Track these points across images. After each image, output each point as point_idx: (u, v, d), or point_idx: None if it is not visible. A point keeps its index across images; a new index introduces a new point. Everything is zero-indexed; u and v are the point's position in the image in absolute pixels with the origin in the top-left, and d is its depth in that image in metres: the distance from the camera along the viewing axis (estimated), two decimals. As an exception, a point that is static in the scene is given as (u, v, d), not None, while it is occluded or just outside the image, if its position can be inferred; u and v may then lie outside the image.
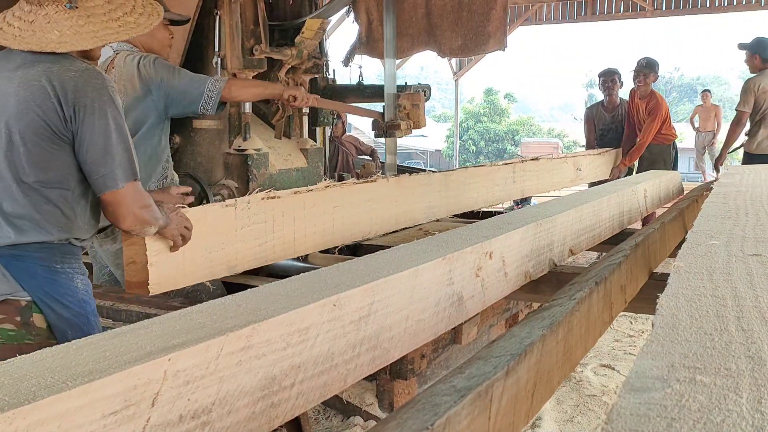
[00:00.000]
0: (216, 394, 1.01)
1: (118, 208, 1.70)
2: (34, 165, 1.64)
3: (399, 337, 1.43)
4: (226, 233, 2.15)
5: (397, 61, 5.50)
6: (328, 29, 4.29)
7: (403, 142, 17.95)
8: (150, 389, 0.91)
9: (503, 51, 5.43)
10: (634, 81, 5.62)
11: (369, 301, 1.33)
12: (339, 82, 5.01)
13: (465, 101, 30.14)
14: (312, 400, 1.19)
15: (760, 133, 5.33)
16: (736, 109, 5.45)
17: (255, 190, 2.33)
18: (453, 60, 13.54)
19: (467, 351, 2.93)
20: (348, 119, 7.82)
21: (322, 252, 3.01)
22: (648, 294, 2.04)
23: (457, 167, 4.76)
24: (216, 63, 3.63)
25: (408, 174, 3.54)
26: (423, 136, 24.28)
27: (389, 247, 1.77)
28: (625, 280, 1.94)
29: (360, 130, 14.47)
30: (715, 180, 3.44)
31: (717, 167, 5.75)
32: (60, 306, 1.69)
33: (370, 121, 4.16)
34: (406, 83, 4.70)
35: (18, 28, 1.65)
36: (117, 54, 2.78)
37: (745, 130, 5.49)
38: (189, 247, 1.96)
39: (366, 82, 5.14)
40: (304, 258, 3.07)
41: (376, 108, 4.26)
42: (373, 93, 4.71)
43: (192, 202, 2.09)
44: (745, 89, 5.31)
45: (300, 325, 1.16)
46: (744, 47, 5.42)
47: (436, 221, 3.52)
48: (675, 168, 5.52)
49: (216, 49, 3.66)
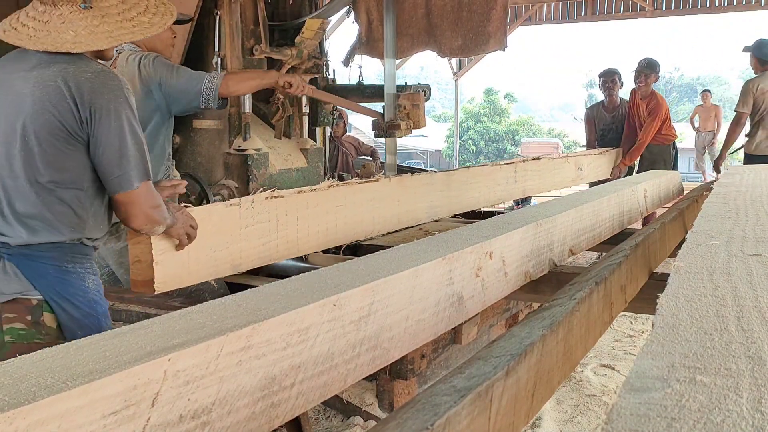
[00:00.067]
0: (216, 394, 1.01)
1: (130, 207, 1.71)
2: (48, 165, 1.64)
3: (399, 337, 1.43)
4: (230, 232, 2.15)
5: (397, 61, 5.49)
6: (328, 29, 4.29)
7: (403, 142, 17.95)
8: (150, 389, 0.91)
9: (503, 51, 5.43)
10: (635, 81, 5.64)
11: (369, 301, 1.33)
12: (339, 82, 5.01)
13: (465, 101, 30.12)
14: (312, 400, 1.19)
15: (758, 134, 5.37)
16: (735, 110, 5.50)
17: (259, 189, 2.33)
18: (453, 60, 13.53)
19: (467, 351, 2.93)
20: (348, 119, 7.81)
21: (324, 251, 3.01)
22: (648, 294, 2.04)
23: (458, 167, 4.76)
24: (216, 63, 3.64)
25: (410, 174, 3.54)
26: (423, 136, 24.26)
27: (389, 247, 1.78)
28: (625, 280, 1.94)
29: (360, 130, 14.46)
30: (715, 180, 3.44)
31: (717, 168, 5.76)
32: (70, 306, 1.69)
33: (370, 121, 4.16)
34: (406, 83, 4.70)
35: (32, 28, 1.65)
36: (119, 54, 2.78)
37: (745, 131, 5.53)
38: (194, 246, 1.98)
39: (366, 82, 5.14)
40: (304, 258, 3.07)
41: (376, 108, 4.26)
42: (373, 93, 4.71)
43: (183, 192, 2.09)
44: (744, 91, 5.36)
45: (300, 325, 1.16)
46: (747, 49, 5.46)
47: (436, 221, 3.52)
48: (675, 168, 5.55)
49: (216, 49, 3.67)
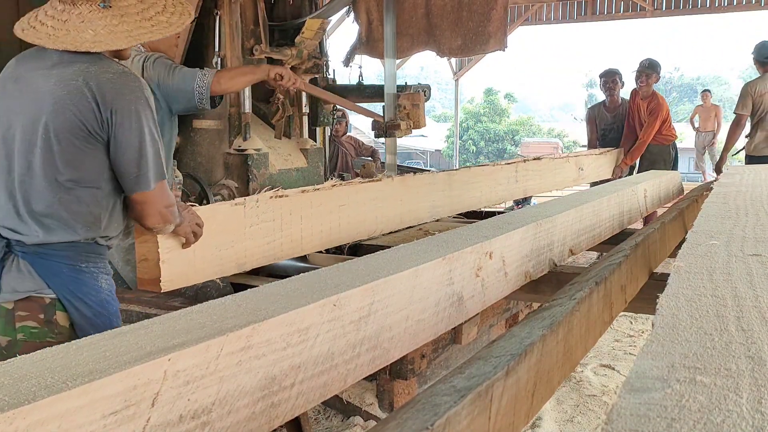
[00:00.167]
0: (216, 394, 1.01)
1: (146, 206, 1.73)
2: (67, 164, 1.65)
3: (399, 337, 1.43)
4: (235, 231, 2.17)
5: (397, 61, 5.49)
6: (328, 29, 4.29)
7: (403, 142, 17.94)
8: (150, 389, 0.91)
9: (503, 51, 5.42)
10: (636, 81, 5.68)
11: (369, 301, 1.33)
12: (339, 82, 5.01)
13: (465, 101, 30.11)
14: (312, 400, 1.19)
15: (757, 136, 5.46)
16: (734, 112, 5.58)
17: (264, 188, 2.34)
18: (453, 60, 13.54)
19: (467, 351, 2.93)
20: (349, 119, 7.80)
21: (328, 250, 3.01)
22: (648, 294, 2.04)
23: (458, 167, 4.76)
24: (216, 63, 3.63)
25: (413, 173, 3.54)
26: (423, 136, 24.25)
27: (389, 247, 1.78)
28: (625, 280, 1.94)
29: (360, 130, 14.44)
30: (715, 180, 3.44)
31: (719, 170, 5.78)
32: (83, 305, 1.70)
33: (370, 121, 4.16)
34: (406, 83, 4.69)
35: (51, 27, 1.65)
36: None
37: (746, 132, 5.61)
38: (199, 245, 1.99)
39: (366, 82, 5.14)
40: (304, 258, 3.07)
41: (376, 108, 4.26)
42: (373, 93, 4.71)
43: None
44: (743, 93, 5.45)
45: (300, 325, 1.16)
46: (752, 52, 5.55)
47: (436, 221, 3.53)
48: (675, 168, 5.57)
49: (216, 49, 3.66)
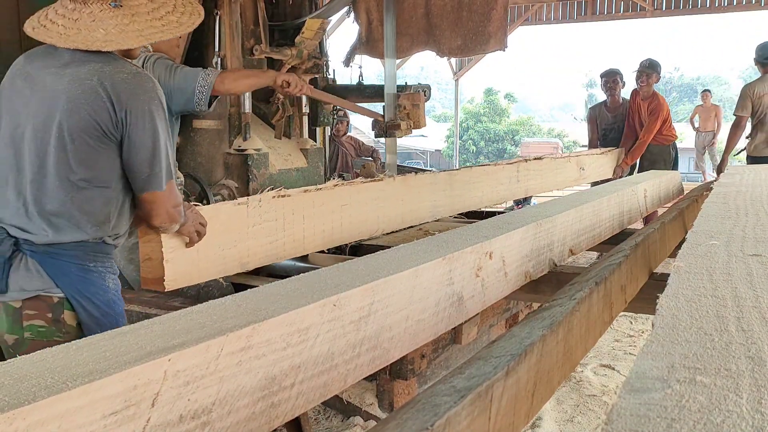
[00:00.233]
0: (216, 394, 1.01)
1: (155, 206, 1.75)
2: (80, 163, 1.65)
3: (399, 337, 1.43)
4: (238, 231, 2.17)
5: (397, 61, 5.49)
6: (328, 29, 4.29)
7: (403, 142, 17.94)
8: (150, 389, 0.91)
9: (503, 51, 5.42)
10: (636, 81, 5.70)
11: (369, 301, 1.33)
12: (339, 82, 5.02)
13: (465, 101, 30.11)
14: (312, 400, 1.19)
15: (757, 137, 5.52)
16: (734, 114, 5.63)
17: (267, 188, 2.34)
18: (453, 60, 13.53)
19: (467, 351, 2.93)
20: (350, 119, 7.81)
21: (329, 250, 3.02)
22: (648, 294, 2.04)
23: (458, 167, 4.75)
24: (216, 63, 3.64)
25: (414, 173, 3.54)
26: (423, 136, 24.25)
27: (389, 247, 1.78)
28: (625, 280, 1.94)
29: (360, 130, 14.44)
30: (715, 180, 3.44)
31: (720, 172, 5.80)
32: (91, 305, 1.70)
33: (370, 121, 4.16)
34: (406, 83, 4.70)
35: (62, 26, 1.65)
36: None
37: (746, 133, 5.67)
38: (203, 245, 2.00)
39: (366, 82, 5.14)
40: (304, 258, 3.07)
41: (376, 108, 4.26)
42: (373, 93, 4.71)
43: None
44: (742, 95, 5.52)
45: (300, 325, 1.16)
46: None
47: (436, 221, 3.53)
48: (675, 168, 5.59)
49: (216, 49, 3.66)
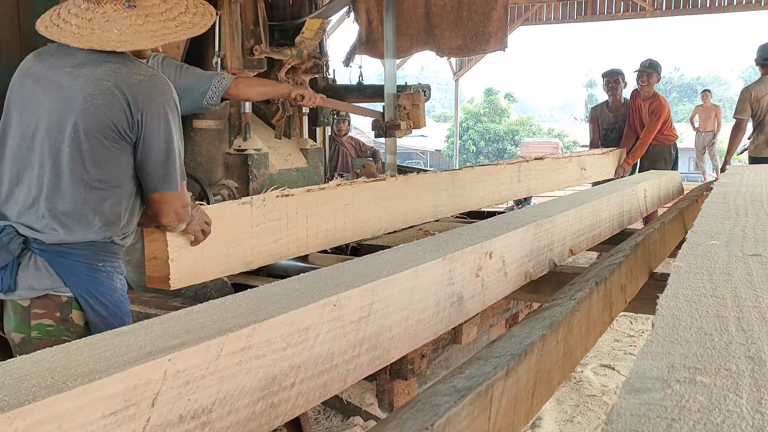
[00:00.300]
0: (216, 394, 1.01)
1: (165, 205, 1.76)
2: (94, 163, 1.66)
3: (399, 337, 1.43)
4: (242, 230, 2.18)
5: (397, 61, 5.49)
6: (328, 29, 4.28)
7: (403, 142, 17.94)
8: (150, 389, 0.91)
9: (504, 51, 5.42)
10: (637, 81, 5.73)
11: (369, 301, 1.33)
12: (339, 82, 5.01)
13: (465, 101, 30.12)
14: (312, 400, 1.19)
15: (759, 138, 5.62)
16: (734, 117, 5.74)
17: (271, 188, 2.34)
18: (453, 60, 13.53)
19: (467, 351, 2.93)
20: (351, 119, 7.80)
21: (331, 250, 3.02)
22: (648, 294, 2.04)
23: (458, 167, 4.76)
24: (216, 63, 3.63)
25: (416, 173, 3.54)
26: (423, 136, 24.27)
27: (389, 247, 1.78)
28: (625, 280, 1.94)
29: (360, 129, 14.44)
30: (715, 180, 3.44)
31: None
32: (99, 304, 1.71)
33: (370, 121, 4.16)
34: (406, 83, 4.69)
35: (76, 25, 1.65)
36: None
37: (748, 133, 5.76)
38: (207, 244, 2.01)
39: (366, 82, 5.14)
40: (304, 258, 3.07)
41: (376, 108, 4.26)
42: (373, 93, 4.71)
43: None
44: (741, 98, 5.65)
45: (300, 325, 1.16)
46: None
47: (436, 221, 3.53)
48: (675, 168, 5.61)
49: (216, 49, 3.66)
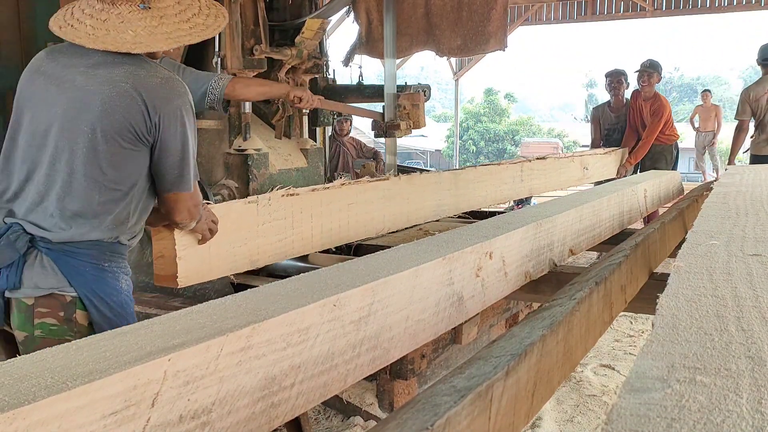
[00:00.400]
0: (216, 394, 1.01)
1: (178, 204, 1.78)
2: (110, 164, 1.66)
3: (399, 337, 1.43)
4: (248, 229, 2.19)
5: (397, 61, 5.49)
6: (328, 29, 4.28)
7: (403, 142, 17.94)
8: (150, 389, 0.91)
9: (503, 51, 5.43)
10: (638, 81, 5.76)
11: (369, 301, 1.33)
12: (339, 82, 5.01)
13: (465, 101, 30.11)
14: (312, 400, 1.19)
15: (760, 137, 5.70)
16: (735, 118, 5.82)
17: (276, 187, 2.35)
18: (453, 60, 13.53)
19: (467, 351, 2.93)
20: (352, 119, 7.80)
21: (336, 248, 3.03)
22: (648, 294, 2.04)
23: (458, 167, 4.75)
24: (216, 63, 3.63)
25: (419, 172, 3.55)
26: (423, 136, 24.27)
27: (389, 247, 1.78)
28: (625, 280, 1.94)
29: (360, 130, 14.43)
30: (715, 180, 3.44)
31: None
32: (104, 305, 1.70)
33: (370, 121, 4.16)
34: (406, 83, 4.69)
35: (90, 26, 1.65)
36: None
37: (750, 133, 5.83)
38: (214, 242, 2.02)
39: (366, 82, 5.13)
40: (304, 258, 3.07)
41: (376, 108, 4.26)
42: (373, 93, 4.70)
43: None
44: (741, 99, 5.75)
45: (300, 325, 1.16)
46: None
47: (436, 221, 3.53)
48: (675, 168, 5.64)
49: (216, 49, 3.66)
